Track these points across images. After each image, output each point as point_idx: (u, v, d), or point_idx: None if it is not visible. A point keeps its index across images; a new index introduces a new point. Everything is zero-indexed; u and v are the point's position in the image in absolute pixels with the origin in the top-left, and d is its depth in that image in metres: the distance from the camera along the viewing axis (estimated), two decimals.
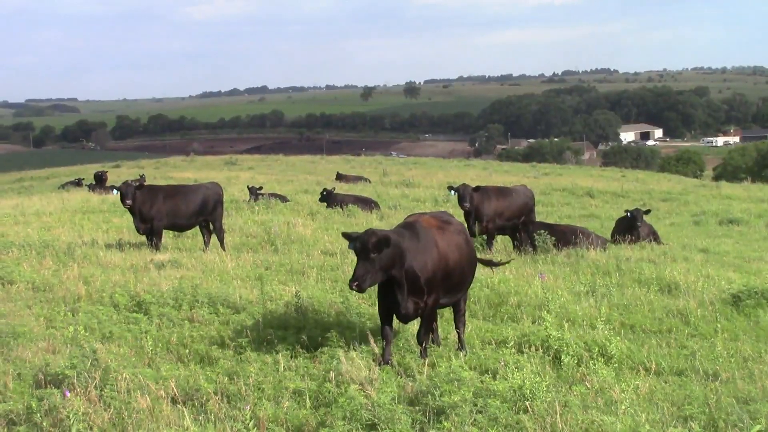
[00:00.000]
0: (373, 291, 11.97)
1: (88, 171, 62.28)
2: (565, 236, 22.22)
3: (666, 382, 10.67)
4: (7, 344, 11.69)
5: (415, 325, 11.90)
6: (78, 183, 51.47)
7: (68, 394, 9.12)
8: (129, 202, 21.39)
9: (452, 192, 23.61)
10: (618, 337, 12.07)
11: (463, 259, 11.64)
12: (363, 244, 10.55)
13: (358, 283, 10.52)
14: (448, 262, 11.33)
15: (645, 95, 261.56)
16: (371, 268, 10.59)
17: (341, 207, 31.56)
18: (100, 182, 46.11)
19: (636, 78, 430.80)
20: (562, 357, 11.07)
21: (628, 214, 24.81)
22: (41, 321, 13.21)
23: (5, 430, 8.91)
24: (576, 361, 11.06)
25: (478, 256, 13.64)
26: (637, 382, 10.22)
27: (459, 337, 11.98)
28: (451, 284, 11.49)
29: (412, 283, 10.99)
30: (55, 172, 79.69)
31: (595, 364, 10.78)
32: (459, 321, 12.08)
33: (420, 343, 11.25)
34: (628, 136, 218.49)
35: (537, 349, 11.37)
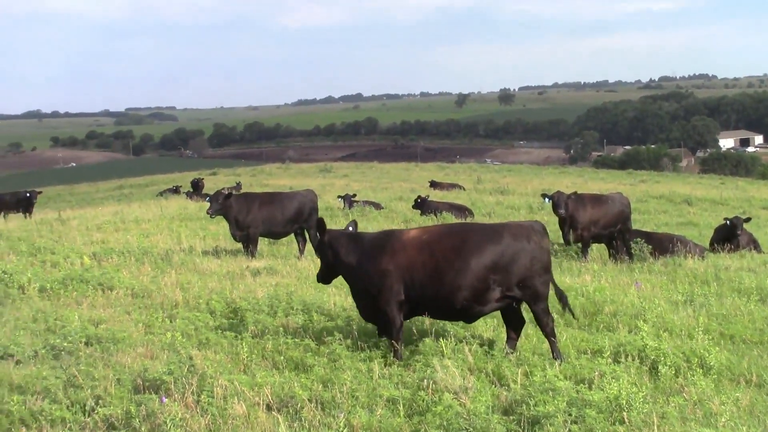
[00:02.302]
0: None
1: (185, 178, 63.27)
2: (662, 244, 21.89)
3: None
4: (107, 349, 11.91)
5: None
6: (176, 190, 52.39)
7: (165, 400, 9.26)
8: (211, 210, 21.68)
9: (546, 199, 23.40)
10: (717, 348, 11.83)
11: (435, 275, 11.46)
12: None
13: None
14: (411, 274, 11.51)
15: (745, 101, 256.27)
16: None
17: (435, 214, 31.55)
18: (197, 189, 46.91)
19: (735, 83, 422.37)
20: (660, 367, 10.88)
21: (728, 222, 24.29)
22: (140, 327, 13.43)
23: None
24: (674, 372, 10.86)
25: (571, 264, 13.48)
26: (737, 395, 10.00)
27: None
28: (425, 296, 11.52)
29: (351, 283, 12.22)
30: (154, 180, 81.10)
31: (693, 375, 10.59)
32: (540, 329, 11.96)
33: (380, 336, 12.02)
34: (727, 142, 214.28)
35: (633, 359, 11.19)
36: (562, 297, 12.34)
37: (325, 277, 12.62)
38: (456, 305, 11.50)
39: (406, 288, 11.52)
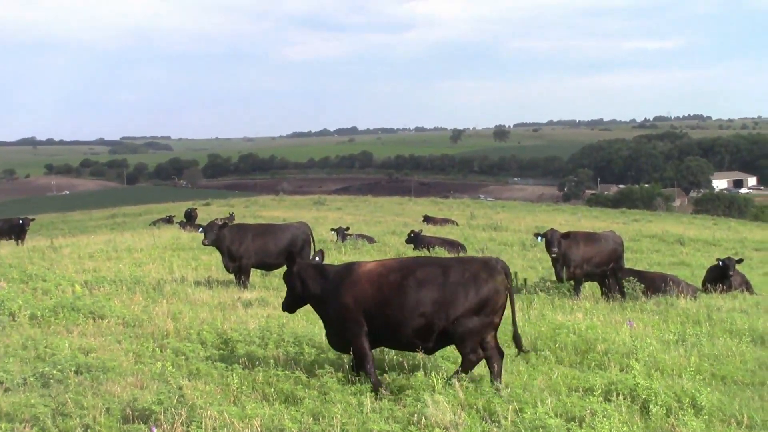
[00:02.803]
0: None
1: (179, 208, 63.29)
2: (654, 283, 21.92)
3: None
4: (97, 378, 11.86)
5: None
6: (169, 220, 52.39)
7: (155, 430, 9.22)
8: (207, 242, 21.75)
9: (539, 238, 23.42)
10: (708, 389, 11.83)
11: (382, 309, 11.62)
12: None
13: None
14: (365, 307, 11.69)
15: (739, 142, 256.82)
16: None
17: (428, 249, 31.60)
18: (190, 219, 46.89)
19: (730, 125, 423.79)
20: (651, 407, 10.86)
21: (720, 262, 24.35)
22: (130, 356, 13.38)
23: None
24: (665, 412, 10.84)
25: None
26: None
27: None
28: (378, 329, 11.70)
29: (319, 313, 12.59)
30: (148, 209, 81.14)
31: (684, 416, 10.56)
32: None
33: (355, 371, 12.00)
34: (720, 183, 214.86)
35: (624, 398, 11.17)
36: (517, 339, 12.44)
37: (291, 305, 12.92)
38: (402, 340, 11.74)
39: (365, 320, 11.68)
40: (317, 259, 13.07)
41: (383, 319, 11.61)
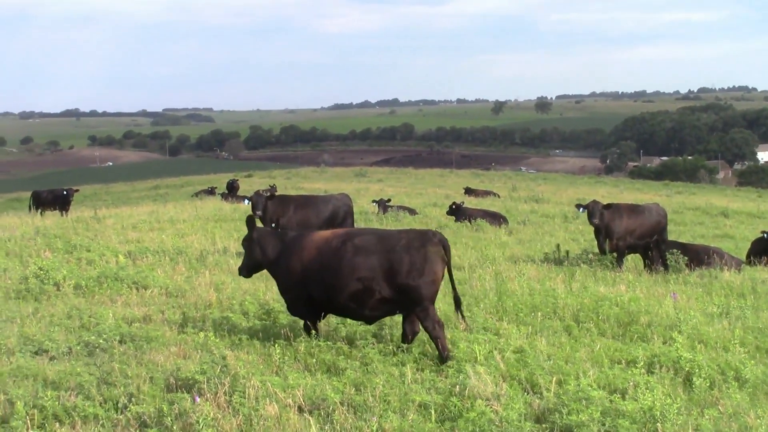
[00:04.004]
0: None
1: (220, 180, 63.50)
2: (698, 256, 21.77)
3: None
4: (140, 347, 11.98)
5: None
6: (211, 191, 52.61)
7: (198, 399, 9.29)
8: (259, 213, 21.72)
9: (581, 209, 23.25)
10: (753, 361, 11.76)
11: (322, 275, 12.06)
12: None
13: None
14: (309, 274, 12.20)
15: None
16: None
17: (470, 221, 31.46)
18: (232, 191, 47.01)
19: None
20: (694, 379, 10.79)
21: (765, 235, 24.08)
22: (173, 326, 13.48)
23: (137, 431, 9.11)
24: (708, 384, 10.77)
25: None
26: None
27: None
28: (320, 290, 12.12)
29: (275, 279, 13.12)
30: (189, 181, 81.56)
31: (728, 388, 10.52)
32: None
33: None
34: (765, 155, 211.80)
35: (668, 371, 11.13)
36: (457, 301, 12.69)
37: (248, 270, 13.45)
38: (340, 304, 12.15)
39: (309, 286, 12.17)
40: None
41: (323, 283, 12.01)
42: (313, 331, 12.59)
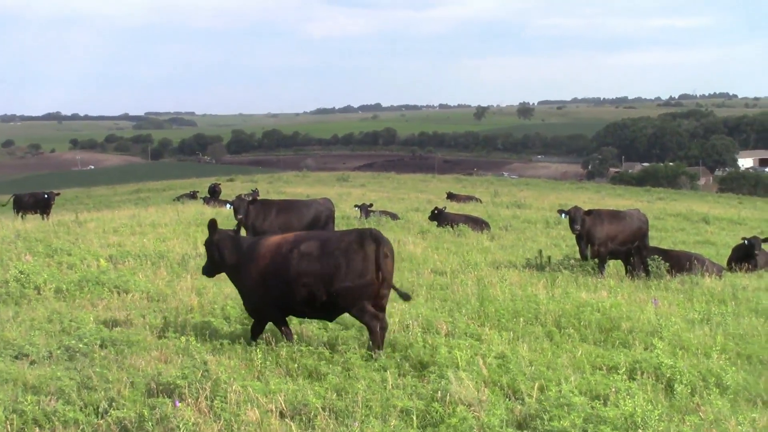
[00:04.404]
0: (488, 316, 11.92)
1: (203, 184, 63.50)
2: (679, 262, 21.84)
3: None
4: (121, 352, 11.93)
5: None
6: (193, 195, 52.54)
7: (179, 404, 9.26)
8: (240, 217, 21.71)
9: (563, 215, 23.34)
10: (734, 368, 11.78)
11: (274, 278, 12.36)
12: None
13: None
14: (265, 278, 12.44)
15: (765, 121, 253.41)
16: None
17: (452, 226, 31.51)
18: (214, 195, 47.03)
19: (756, 103, 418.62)
20: (675, 386, 10.82)
21: (746, 241, 24.24)
22: (154, 330, 13.44)
23: None
24: (689, 391, 10.80)
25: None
26: (754, 415, 9.89)
27: None
28: (275, 294, 12.42)
29: (233, 282, 13.42)
30: (171, 185, 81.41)
31: (709, 395, 10.54)
32: None
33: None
34: (746, 162, 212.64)
35: (649, 377, 11.15)
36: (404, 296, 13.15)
37: (209, 271, 13.73)
38: (295, 308, 12.55)
39: (266, 291, 12.44)
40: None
41: (277, 288, 12.28)
42: (291, 335, 12.75)
